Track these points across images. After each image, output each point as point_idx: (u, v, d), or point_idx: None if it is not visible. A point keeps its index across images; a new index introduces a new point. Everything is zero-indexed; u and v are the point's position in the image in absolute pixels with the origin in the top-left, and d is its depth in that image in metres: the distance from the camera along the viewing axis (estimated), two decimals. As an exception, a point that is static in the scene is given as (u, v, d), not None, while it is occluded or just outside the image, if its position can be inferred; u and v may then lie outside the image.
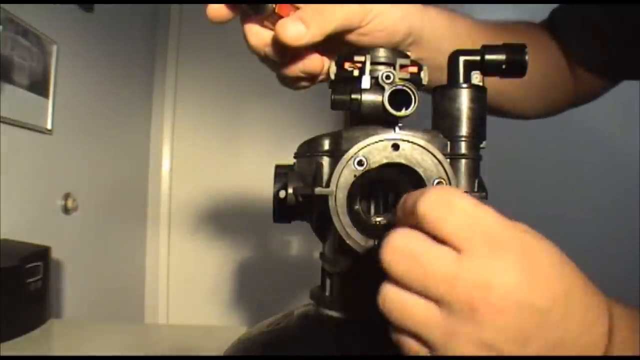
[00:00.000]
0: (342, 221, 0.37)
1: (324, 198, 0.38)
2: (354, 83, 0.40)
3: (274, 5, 0.42)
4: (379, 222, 0.40)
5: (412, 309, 0.30)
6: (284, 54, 0.45)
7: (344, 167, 0.37)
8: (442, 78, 0.41)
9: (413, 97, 0.36)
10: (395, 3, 0.47)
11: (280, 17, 0.42)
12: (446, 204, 0.29)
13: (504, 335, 0.28)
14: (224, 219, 2.10)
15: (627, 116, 1.76)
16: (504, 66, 0.42)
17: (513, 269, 0.28)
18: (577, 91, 0.69)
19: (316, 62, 0.46)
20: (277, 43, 0.43)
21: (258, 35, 0.45)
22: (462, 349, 0.28)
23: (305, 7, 0.43)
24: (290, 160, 0.45)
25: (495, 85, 0.44)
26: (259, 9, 0.42)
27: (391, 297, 0.30)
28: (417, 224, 0.29)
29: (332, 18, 0.42)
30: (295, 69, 0.46)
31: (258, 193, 1.83)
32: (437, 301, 0.29)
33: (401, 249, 0.29)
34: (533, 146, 1.86)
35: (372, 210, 0.41)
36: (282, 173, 0.43)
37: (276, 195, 0.42)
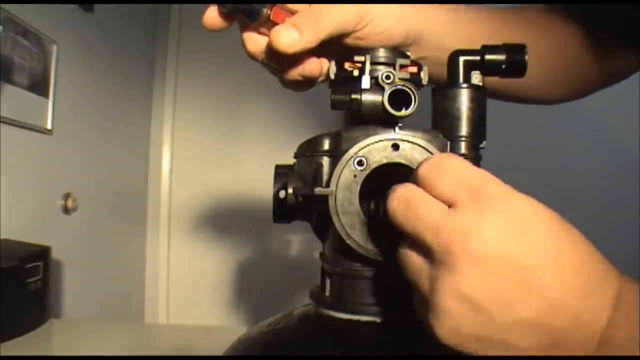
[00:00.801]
0: (342, 221, 0.37)
1: (324, 198, 0.38)
2: (354, 83, 0.40)
3: (268, 12, 0.42)
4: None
5: (411, 260, 0.32)
6: (281, 60, 0.45)
7: (343, 167, 0.37)
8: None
9: (413, 97, 0.36)
10: (395, 3, 0.46)
11: (276, 23, 0.42)
12: (438, 166, 0.31)
13: (483, 289, 0.28)
14: (224, 218, 2.10)
15: (628, 109, 1.76)
16: (503, 66, 0.42)
17: (495, 221, 0.29)
18: (604, 70, 0.65)
19: (314, 66, 0.45)
20: (272, 50, 0.43)
21: (255, 42, 0.44)
22: (444, 301, 0.29)
23: (299, 13, 0.42)
24: (290, 160, 0.45)
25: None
26: (253, 17, 0.42)
27: (401, 251, 0.33)
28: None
29: (326, 24, 0.42)
30: (294, 74, 0.46)
31: (258, 193, 1.83)
32: (427, 250, 0.30)
33: (402, 197, 0.32)
34: (533, 146, 1.86)
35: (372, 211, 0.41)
36: (282, 173, 0.43)
37: (276, 195, 0.42)
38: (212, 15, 0.44)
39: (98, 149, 1.66)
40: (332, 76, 0.43)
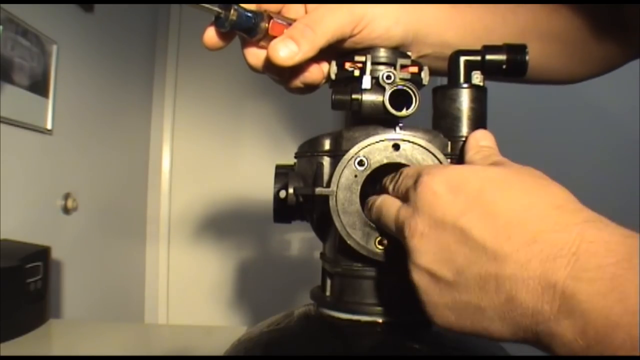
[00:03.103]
0: (343, 221, 0.37)
1: (325, 198, 0.38)
2: (355, 83, 0.40)
3: (266, 26, 0.41)
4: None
5: None
6: (282, 71, 0.45)
7: (344, 167, 0.37)
8: None
9: (414, 97, 0.36)
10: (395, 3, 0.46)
11: (275, 36, 0.42)
12: (399, 173, 0.36)
13: (434, 258, 0.30)
14: (224, 218, 2.10)
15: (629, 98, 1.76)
16: (504, 66, 0.42)
17: (428, 197, 0.32)
18: (623, 45, 0.61)
19: (315, 73, 0.45)
20: (271, 64, 0.42)
21: (256, 56, 0.44)
22: (414, 278, 0.32)
23: (295, 24, 0.42)
24: (290, 160, 0.45)
25: (536, 56, 0.44)
26: (251, 33, 0.41)
27: None
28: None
29: (322, 33, 0.41)
30: (297, 82, 0.46)
31: (258, 193, 1.83)
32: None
33: (373, 204, 0.37)
34: (531, 145, 1.86)
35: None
36: (282, 173, 0.43)
37: (277, 195, 0.42)
38: (211, 35, 0.44)
39: (98, 149, 1.66)
40: (333, 76, 0.43)
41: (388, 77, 0.37)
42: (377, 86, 0.38)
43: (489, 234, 0.28)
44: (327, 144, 0.41)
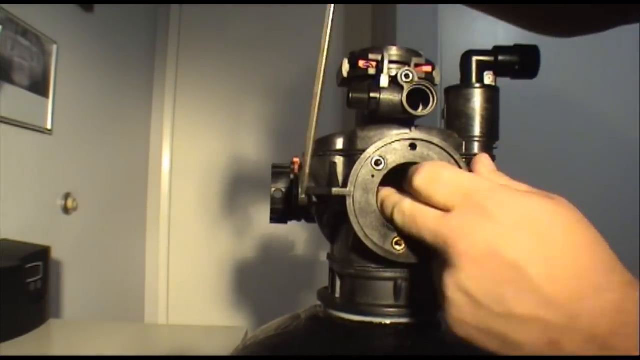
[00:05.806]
0: (360, 222, 0.36)
1: (340, 199, 0.37)
2: (369, 81, 0.39)
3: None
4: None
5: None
6: None
7: (361, 167, 0.37)
8: None
9: (431, 96, 0.36)
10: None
11: None
12: (433, 179, 0.33)
13: (479, 285, 0.30)
14: (223, 218, 2.09)
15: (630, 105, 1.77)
16: (516, 67, 0.42)
17: (485, 221, 0.31)
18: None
19: None
20: None
21: None
22: (448, 292, 0.31)
23: None
24: (290, 160, 0.44)
25: None
26: None
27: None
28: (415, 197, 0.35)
29: None
30: None
31: (258, 193, 1.84)
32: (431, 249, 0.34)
33: (400, 210, 0.35)
34: (543, 145, 1.86)
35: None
36: (278, 172, 0.42)
37: (273, 195, 0.42)
38: None
39: (98, 148, 1.65)
40: (345, 74, 0.42)
41: (407, 76, 0.37)
42: (394, 85, 0.37)
43: (547, 278, 0.29)
44: (339, 143, 0.41)
